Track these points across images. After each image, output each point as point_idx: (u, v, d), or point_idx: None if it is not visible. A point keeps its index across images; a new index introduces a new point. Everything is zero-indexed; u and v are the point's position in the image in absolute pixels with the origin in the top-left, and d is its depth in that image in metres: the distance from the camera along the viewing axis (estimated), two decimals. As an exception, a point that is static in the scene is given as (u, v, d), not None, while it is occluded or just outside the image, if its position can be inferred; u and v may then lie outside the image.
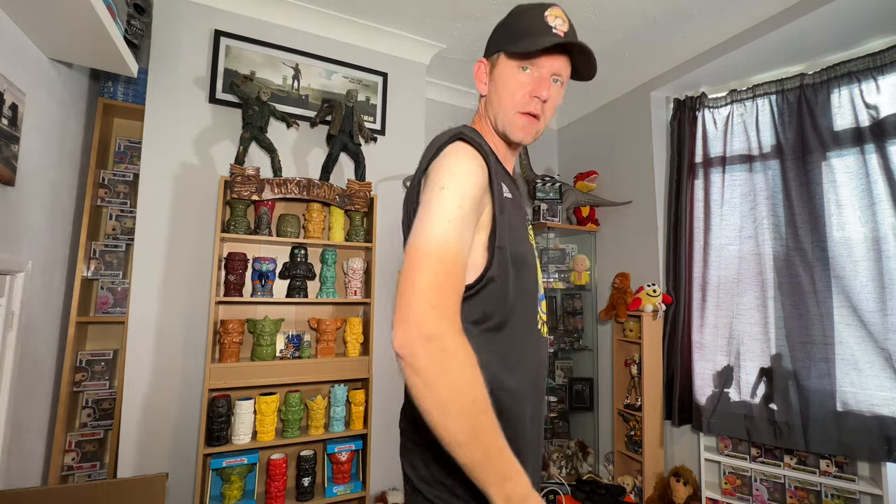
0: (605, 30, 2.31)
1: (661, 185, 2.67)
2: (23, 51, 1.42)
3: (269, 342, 1.92)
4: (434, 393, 0.54)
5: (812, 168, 2.13)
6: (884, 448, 1.84)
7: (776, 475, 2.15)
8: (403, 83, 2.51)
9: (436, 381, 0.54)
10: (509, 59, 0.77)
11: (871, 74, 2.00)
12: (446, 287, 0.58)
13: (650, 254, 2.67)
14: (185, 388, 1.90)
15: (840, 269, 2.02)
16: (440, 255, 0.59)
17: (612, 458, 2.71)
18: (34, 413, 1.64)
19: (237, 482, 1.80)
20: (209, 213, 2.00)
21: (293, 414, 1.90)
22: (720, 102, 2.50)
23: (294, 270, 2.02)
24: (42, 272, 1.65)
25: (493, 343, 0.70)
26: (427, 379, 0.54)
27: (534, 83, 0.76)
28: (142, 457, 1.80)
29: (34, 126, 1.51)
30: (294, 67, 2.23)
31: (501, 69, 0.79)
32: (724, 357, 2.34)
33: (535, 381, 0.78)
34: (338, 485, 1.95)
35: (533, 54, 0.75)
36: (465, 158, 0.68)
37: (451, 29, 2.36)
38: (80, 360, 1.94)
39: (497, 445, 0.55)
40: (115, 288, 2.04)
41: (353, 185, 2.11)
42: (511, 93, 0.77)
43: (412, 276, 0.58)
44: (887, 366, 1.88)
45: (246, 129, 1.95)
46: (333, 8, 2.22)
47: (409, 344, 0.54)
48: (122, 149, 2.14)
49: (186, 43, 2.02)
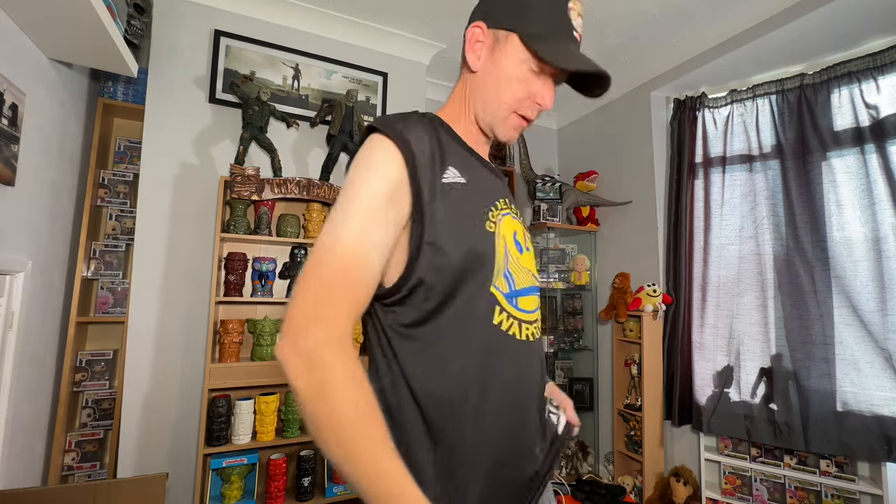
0: (605, 30, 2.31)
1: (661, 185, 2.67)
2: (23, 51, 1.42)
3: (269, 342, 1.92)
4: (308, 409, 0.50)
5: (812, 168, 2.13)
6: (884, 448, 1.84)
7: (776, 475, 2.15)
8: (403, 83, 2.51)
9: (308, 398, 0.50)
10: (521, 44, 0.66)
11: (871, 74, 2.00)
12: (333, 296, 0.54)
13: (650, 254, 2.67)
14: (185, 388, 1.90)
15: (840, 269, 2.02)
16: (329, 261, 0.55)
17: (612, 458, 2.71)
18: (34, 413, 1.64)
19: (237, 482, 1.80)
20: (209, 213, 2.00)
21: (293, 414, 1.91)
22: (720, 102, 2.50)
23: (294, 270, 2.02)
24: (42, 272, 1.65)
25: (429, 349, 0.62)
26: (301, 394, 0.51)
27: (540, 87, 0.69)
28: (142, 457, 1.80)
29: (34, 126, 1.51)
30: (294, 67, 2.23)
31: (508, 55, 0.67)
32: (724, 357, 2.34)
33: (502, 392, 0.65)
34: (338, 485, 1.95)
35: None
36: (376, 152, 0.62)
37: (451, 29, 2.36)
38: (80, 360, 1.94)
39: (378, 469, 0.49)
40: (115, 288, 2.04)
41: (353, 185, 2.11)
42: (513, 89, 0.68)
43: (300, 284, 0.55)
44: (887, 366, 1.88)
45: (246, 129, 1.95)
46: (333, 8, 2.22)
47: (284, 358, 0.51)
48: (122, 149, 2.14)
49: (186, 43, 2.02)
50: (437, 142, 0.66)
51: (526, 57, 0.67)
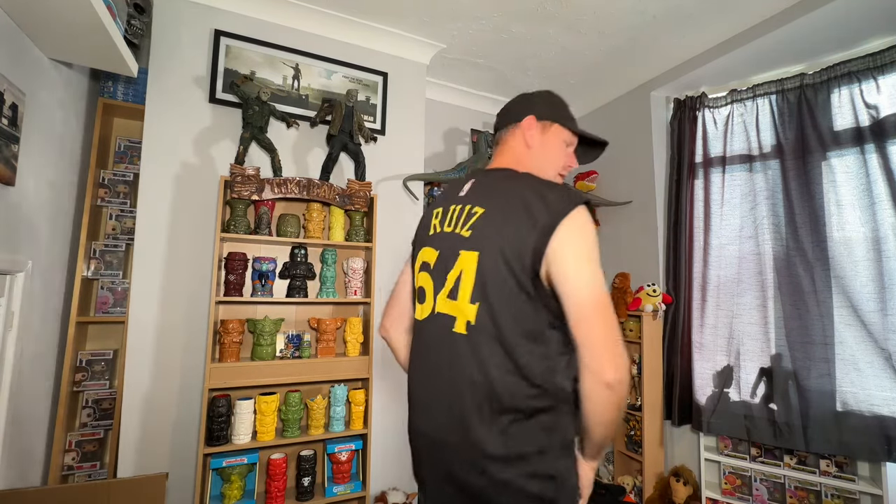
0: (605, 30, 2.31)
1: (661, 185, 2.67)
2: (23, 51, 1.42)
3: (269, 342, 1.92)
4: (620, 415, 0.82)
5: (812, 168, 2.13)
6: (884, 448, 1.84)
7: (776, 475, 2.15)
8: (403, 83, 2.51)
9: (620, 408, 0.81)
10: (563, 129, 1.00)
11: (871, 74, 2.00)
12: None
13: (650, 254, 2.67)
14: (185, 388, 1.90)
15: (840, 269, 2.02)
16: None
17: (612, 457, 2.71)
18: (34, 413, 1.64)
19: (237, 482, 1.80)
20: (209, 213, 2.00)
21: (293, 414, 1.91)
22: (720, 102, 2.50)
23: (294, 270, 2.02)
24: (42, 272, 1.65)
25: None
26: (621, 407, 0.81)
27: (570, 158, 1.04)
28: (142, 457, 1.80)
29: (34, 126, 1.51)
30: (294, 67, 2.23)
31: (555, 137, 1.00)
32: (724, 357, 2.34)
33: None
34: (338, 485, 1.96)
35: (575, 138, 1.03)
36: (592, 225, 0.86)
37: (451, 29, 2.36)
38: (80, 359, 1.94)
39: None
40: (115, 288, 2.04)
41: (353, 185, 2.11)
42: (558, 159, 1.01)
43: (614, 330, 0.78)
44: (887, 366, 1.88)
45: (246, 128, 1.95)
46: (333, 8, 2.22)
47: (622, 381, 0.77)
48: (122, 149, 2.14)
49: (186, 43, 2.02)
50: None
51: (565, 136, 1.01)
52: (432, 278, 0.95)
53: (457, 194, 0.99)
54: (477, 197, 0.93)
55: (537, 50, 2.51)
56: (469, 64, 2.71)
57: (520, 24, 2.27)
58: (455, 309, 0.88)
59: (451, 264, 0.90)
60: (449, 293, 0.90)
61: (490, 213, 0.88)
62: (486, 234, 0.86)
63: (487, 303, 0.83)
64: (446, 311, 0.90)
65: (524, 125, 0.99)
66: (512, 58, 2.62)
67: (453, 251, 0.91)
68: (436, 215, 1.00)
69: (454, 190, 1.02)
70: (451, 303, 0.89)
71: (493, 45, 2.49)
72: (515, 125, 1.01)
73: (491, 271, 0.83)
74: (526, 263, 0.80)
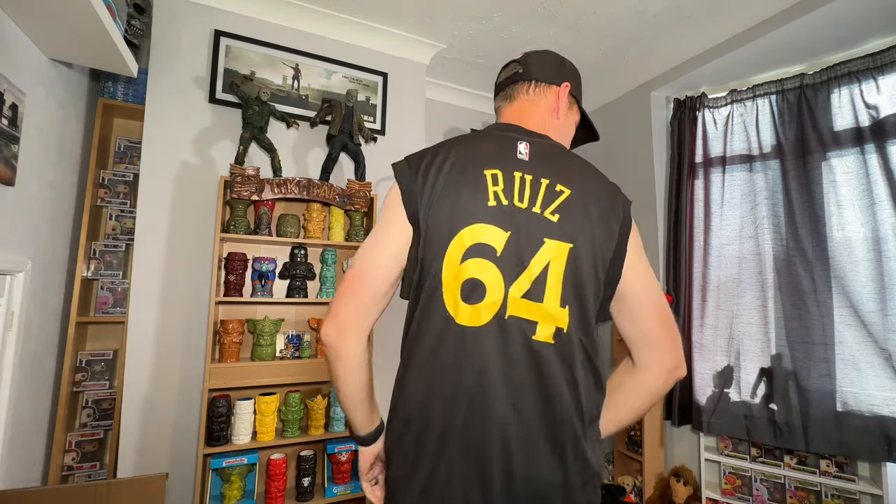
0: (605, 30, 2.31)
1: (661, 185, 2.67)
2: (23, 51, 1.42)
3: (269, 342, 1.92)
4: None
5: (812, 168, 2.13)
6: (884, 448, 1.84)
7: (776, 475, 2.15)
8: (403, 83, 2.51)
9: None
10: (577, 112, 0.92)
11: (871, 74, 2.00)
12: None
13: (650, 254, 2.64)
14: (185, 388, 1.90)
15: (840, 269, 2.02)
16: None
17: (612, 458, 2.71)
18: (34, 413, 1.64)
19: (237, 482, 1.80)
20: (209, 213, 2.00)
21: (293, 414, 1.90)
22: (720, 102, 2.50)
23: (294, 270, 2.02)
24: (42, 272, 1.65)
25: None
26: None
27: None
28: (142, 457, 1.80)
29: (34, 126, 1.51)
30: (294, 67, 2.23)
31: (574, 118, 0.92)
32: (724, 357, 2.34)
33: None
34: (338, 485, 1.95)
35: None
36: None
37: (451, 29, 2.36)
38: (80, 360, 1.94)
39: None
40: (115, 288, 2.04)
41: (353, 185, 2.11)
42: (567, 143, 0.93)
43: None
44: (887, 366, 1.87)
45: (246, 129, 1.95)
46: (333, 8, 2.22)
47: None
48: (122, 149, 2.14)
49: (186, 43, 2.02)
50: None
51: (577, 119, 0.93)
52: (501, 270, 0.72)
53: (514, 156, 0.77)
54: (550, 170, 0.77)
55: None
56: (469, 64, 2.71)
57: (520, 24, 2.27)
58: (538, 312, 0.71)
59: (533, 254, 0.72)
60: (527, 292, 0.71)
61: (578, 197, 0.75)
62: (578, 223, 0.73)
63: (581, 308, 0.73)
64: (523, 314, 0.71)
65: (561, 91, 0.87)
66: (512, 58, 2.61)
67: (536, 237, 0.72)
68: (493, 179, 0.74)
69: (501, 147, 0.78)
70: (530, 304, 0.71)
71: (493, 45, 2.49)
72: (549, 86, 0.86)
73: (585, 270, 0.73)
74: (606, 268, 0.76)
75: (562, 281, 0.71)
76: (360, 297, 0.75)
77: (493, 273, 0.71)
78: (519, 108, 0.86)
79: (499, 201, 0.73)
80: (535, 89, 0.86)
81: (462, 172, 0.75)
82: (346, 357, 0.75)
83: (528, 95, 0.86)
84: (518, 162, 0.76)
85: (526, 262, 0.71)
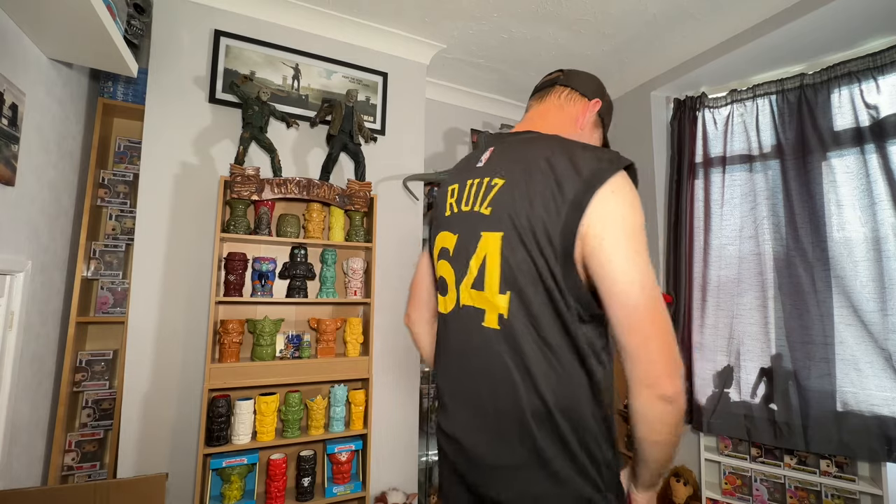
0: (605, 30, 2.31)
1: (660, 185, 2.67)
2: (23, 51, 1.42)
3: (269, 342, 1.92)
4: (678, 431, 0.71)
5: (812, 168, 2.13)
6: (884, 448, 1.84)
7: (776, 475, 2.15)
8: (403, 83, 2.51)
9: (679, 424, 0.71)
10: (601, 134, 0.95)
11: (871, 74, 2.00)
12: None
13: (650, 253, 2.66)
14: (185, 388, 1.90)
15: (840, 269, 2.02)
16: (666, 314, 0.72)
17: (612, 458, 2.71)
18: (34, 413, 1.64)
19: (237, 482, 1.80)
20: (209, 213, 2.00)
21: (293, 414, 1.90)
22: (720, 102, 2.50)
23: (294, 270, 2.02)
24: (42, 272, 1.65)
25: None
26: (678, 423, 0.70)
27: None
28: (142, 457, 1.80)
29: (34, 126, 1.51)
30: (294, 67, 2.23)
31: (597, 136, 0.95)
32: (724, 357, 2.34)
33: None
34: (338, 485, 1.95)
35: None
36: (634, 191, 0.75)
37: (451, 29, 2.36)
38: (80, 360, 1.94)
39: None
40: (115, 288, 2.04)
41: (353, 185, 2.11)
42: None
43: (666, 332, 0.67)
44: (887, 366, 1.88)
45: (246, 129, 1.95)
46: (333, 8, 2.22)
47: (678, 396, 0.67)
48: (122, 149, 2.14)
49: (186, 43, 2.02)
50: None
51: (600, 143, 0.95)
52: (453, 267, 0.83)
53: (474, 166, 0.85)
54: (497, 166, 0.80)
55: (537, 50, 2.51)
56: (469, 64, 2.71)
57: (520, 24, 2.27)
58: (483, 300, 0.77)
59: (473, 249, 0.78)
60: (474, 283, 0.78)
61: (511, 182, 0.75)
62: (508, 209, 0.73)
63: (519, 292, 0.72)
64: (473, 303, 0.79)
65: (591, 105, 0.90)
66: (512, 58, 2.62)
67: (474, 233, 0.79)
68: (451, 192, 0.87)
69: (471, 161, 0.88)
70: (478, 294, 0.78)
71: (493, 45, 2.49)
72: (581, 97, 0.90)
73: (518, 254, 0.72)
74: (556, 245, 0.68)
75: (499, 269, 0.75)
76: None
77: (449, 270, 0.85)
78: (544, 109, 0.91)
79: (452, 210, 0.86)
80: (568, 96, 0.91)
81: (441, 194, 0.93)
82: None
83: (559, 100, 0.91)
84: (473, 170, 0.85)
85: (470, 255, 0.80)
